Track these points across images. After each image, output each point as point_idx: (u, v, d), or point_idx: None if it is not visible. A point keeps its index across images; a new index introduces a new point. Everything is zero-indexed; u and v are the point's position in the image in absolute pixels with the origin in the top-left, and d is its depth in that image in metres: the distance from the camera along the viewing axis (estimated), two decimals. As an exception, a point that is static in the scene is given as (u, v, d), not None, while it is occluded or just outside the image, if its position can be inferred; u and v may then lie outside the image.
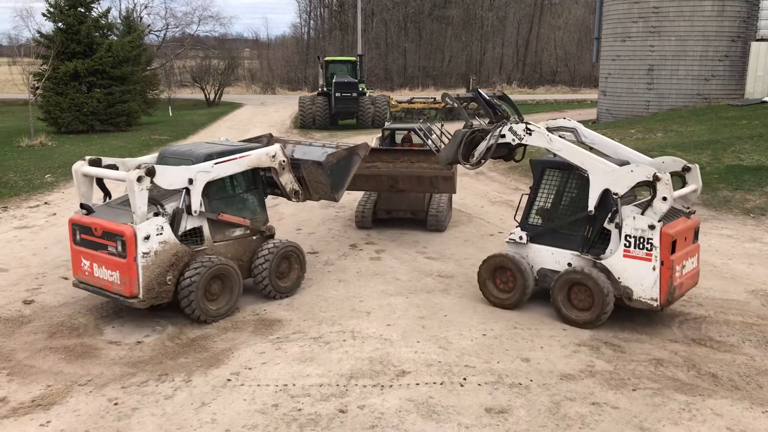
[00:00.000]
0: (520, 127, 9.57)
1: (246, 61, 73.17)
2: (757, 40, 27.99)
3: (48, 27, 47.74)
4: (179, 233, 9.04)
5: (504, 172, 21.02)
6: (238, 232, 9.98)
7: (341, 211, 15.91)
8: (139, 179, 8.51)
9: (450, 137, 10.24)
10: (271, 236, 10.46)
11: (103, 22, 33.80)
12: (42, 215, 15.70)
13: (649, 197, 8.67)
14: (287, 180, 10.55)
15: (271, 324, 9.22)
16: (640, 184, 8.73)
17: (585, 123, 33.33)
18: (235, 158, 9.69)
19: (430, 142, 12.12)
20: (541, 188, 9.82)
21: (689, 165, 9.50)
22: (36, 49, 33.30)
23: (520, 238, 9.71)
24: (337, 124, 34.85)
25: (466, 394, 7.23)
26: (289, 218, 15.32)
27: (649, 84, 29.27)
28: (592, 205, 8.96)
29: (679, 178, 9.45)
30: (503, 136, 9.68)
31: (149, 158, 10.14)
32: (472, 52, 69.89)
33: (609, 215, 8.87)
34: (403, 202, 14.42)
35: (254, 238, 10.21)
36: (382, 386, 7.38)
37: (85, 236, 9.07)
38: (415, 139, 15.78)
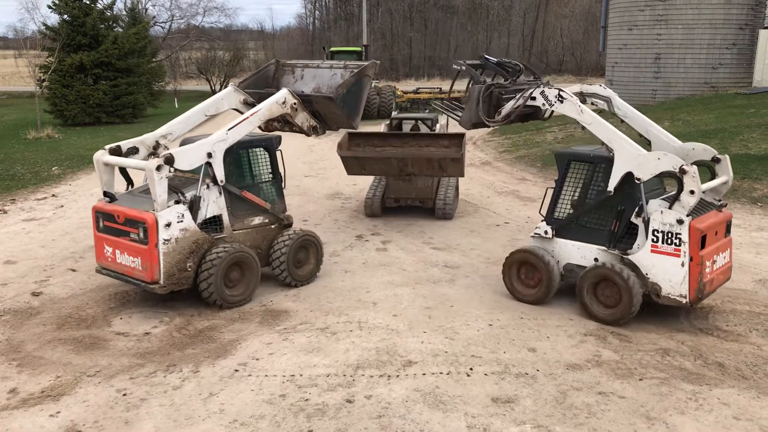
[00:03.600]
0: (552, 93, 9.31)
1: (251, 52, 73.10)
2: (765, 28, 27.79)
3: (54, 19, 47.76)
4: (199, 221, 9.18)
5: (510, 162, 20.99)
6: (257, 220, 10.06)
7: (347, 203, 15.92)
8: (159, 168, 8.61)
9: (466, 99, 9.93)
10: (289, 225, 10.50)
11: (109, 14, 33.87)
12: (49, 207, 15.76)
13: (676, 190, 8.40)
14: (302, 119, 10.48)
15: (278, 315, 9.25)
16: (665, 174, 8.47)
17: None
18: (246, 118, 9.64)
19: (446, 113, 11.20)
20: (567, 182, 9.53)
21: (719, 156, 9.20)
22: (42, 42, 33.40)
23: (546, 232, 9.47)
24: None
25: (472, 384, 7.25)
26: (295, 209, 15.33)
27: (656, 73, 29.13)
28: (612, 185, 8.76)
29: (707, 169, 9.18)
30: (533, 98, 9.45)
31: (165, 129, 10.23)
32: (478, 41, 69.66)
33: (636, 209, 8.63)
34: (411, 191, 14.51)
35: (273, 226, 10.28)
36: (389, 376, 7.41)
37: (108, 223, 9.27)
38: (423, 129, 15.76)
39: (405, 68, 67.39)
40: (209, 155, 9.18)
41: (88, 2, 32.05)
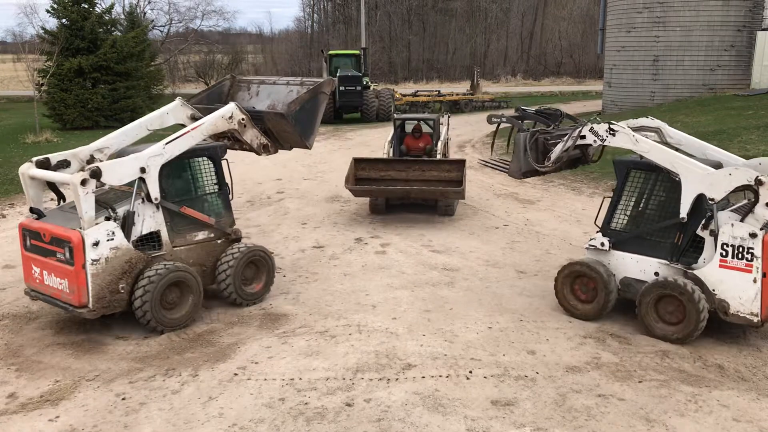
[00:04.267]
0: (602, 128, 8.93)
1: (250, 55, 73.09)
2: (763, 30, 27.80)
3: (52, 23, 47.67)
4: (134, 238, 8.57)
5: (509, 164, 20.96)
6: (200, 235, 9.41)
7: (346, 205, 15.92)
8: (84, 182, 7.94)
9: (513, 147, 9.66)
10: (238, 240, 9.83)
11: (107, 17, 33.82)
12: (48, 211, 15.72)
13: (748, 202, 8.09)
14: (252, 136, 9.92)
15: (277, 318, 9.24)
16: (738, 189, 8.03)
17: (589, 114, 33.21)
18: (188, 132, 9.05)
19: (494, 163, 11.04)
20: (626, 191, 9.07)
21: None
22: (40, 46, 33.40)
23: (602, 244, 8.99)
24: (342, 118, 34.83)
25: (472, 386, 7.24)
26: (294, 213, 15.35)
27: (655, 75, 29.15)
28: (684, 211, 8.25)
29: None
30: (583, 137, 9.09)
31: (102, 142, 9.55)
32: (477, 44, 69.67)
33: (703, 221, 8.19)
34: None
35: (219, 241, 9.63)
36: (388, 380, 7.40)
37: (35, 242, 8.62)
38: (425, 128, 16.36)
39: (404, 71, 67.37)
40: (142, 170, 8.50)
41: (86, 6, 32.03)
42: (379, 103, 34.27)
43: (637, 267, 8.76)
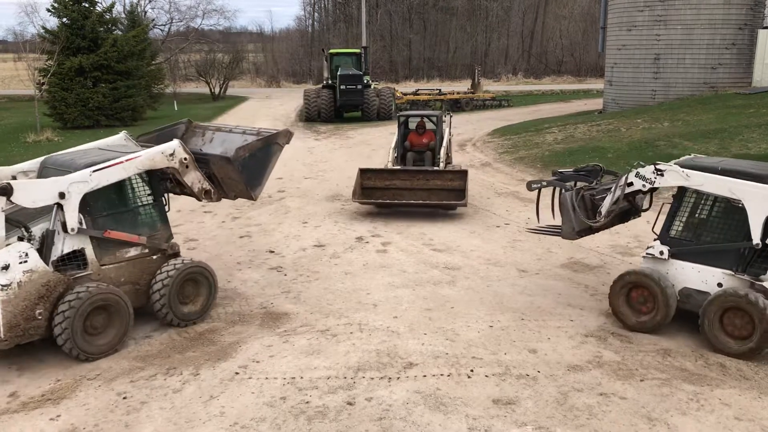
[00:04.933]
0: (648, 170, 8.59)
1: (250, 54, 73.09)
2: (765, 28, 27.78)
3: (53, 23, 47.74)
4: (53, 258, 7.88)
5: (510, 163, 20.98)
6: (132, 251, 8.68)
7: (347, 204, 15.91)
8: None
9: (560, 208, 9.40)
10: (176, 254, 9.11)
11: (108, 17, 33.85)
12: (49, 210, 15.73)
13: None
14: (193, 179, 9.16)
15: (278, 317, 9.24)
16: None
17: (591, 113, 33.17)
18: (121, 162, 8.33)
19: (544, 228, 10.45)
20: (687, 197, 8.61)
21: None
22: (41, 45, 33.42)
23: (661, 253, 8.53)
24: (343, 117, 34.82)
25: (473, 385, 7.24)
26: (295, 212, 15.34)
27: (656, 73, 29.11)
28: (757, 237, 7.74)
29: None
30: (630, 183, 8.75)
31: (29, 165, 8.92)
32: (477, 42, 69.67)
33: None
34: None
35: (154, 257, 8.88)
36: (390, 378, 7.40)
37: None
38: (428, 125, 16.68)
39: (404, 70, 67.38)
40: (61, 195, 7.76)
41: (87, 5, 32.06)
42: (380, 102, 34.25)
43: (699, 277, 8.31)
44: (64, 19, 31.61)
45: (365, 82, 33.85)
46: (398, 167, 15.50)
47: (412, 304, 9.62)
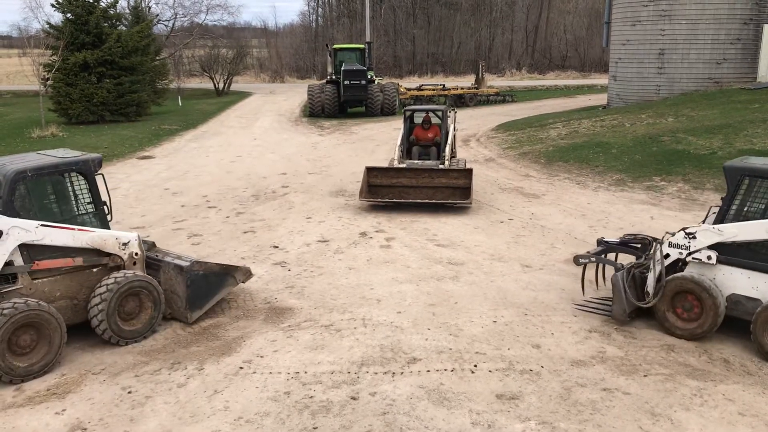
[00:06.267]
0: (679, 237, 8.38)
1: (255, 49, 73.10)
2: (770, 23, 27.67)
3: (57, 18, 47.94)
4: None
5: (514, 158, 20.96)
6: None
7: (351, 200, 15.92)
8: None
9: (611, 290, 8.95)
10: (118, 267, 8.45)
11: (112, 12, 33.83)
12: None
13: None
14: None
15: (282, 312, 9.26)
16: None
17: (595, 108, 33.06)
18: (72, 230, 7.92)
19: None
20: (738, 200, 8.17)
21: None
22: (45, 40, 33.46)
23: (708, 257, 8.20)
24: (346, 112, 34.81)
25: (476, 380, 7.25)
26: (299, 207, 15.36)
27: (660, 68, 29.02)
28: None
29: None
30: (667, 255, 8.48)
31: None
32: (481, 38, 69.54)
33: None
34: None
35: (93, 270, 8.26)
36: (393, 373, 7.41)
37: None
38: (434, 120, 16.86)
39: (408, 65, 67.30)
40: None
41: (91, 1, 32.05)
42: (384, 97, 34.23)
43: (749, 283, 7.99)
44: (69, 15, 31.62)
45: (369, 77, 33.82)
46: (404, 166, 15.59)
47: (416, 300, 9.63)
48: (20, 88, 50.85)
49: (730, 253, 8.09)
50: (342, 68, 33.16)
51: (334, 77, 34.50)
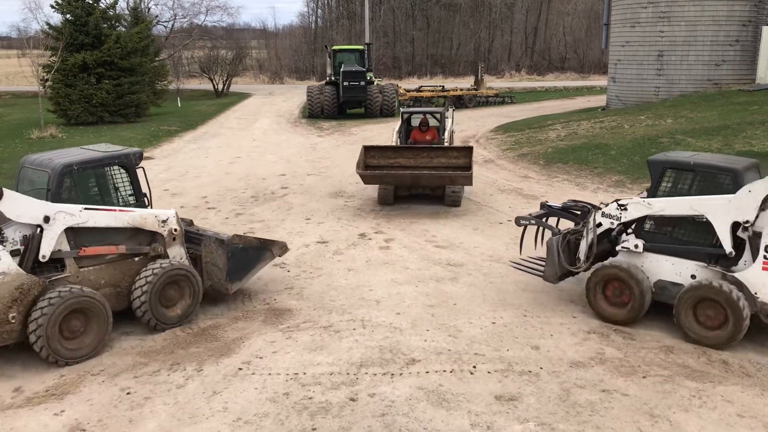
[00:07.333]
0: (611, 208, 8.89)
1: (254, 51, 73.09)
2: (769, 24, 27.70)
3: (56, 19, 47.85)
4: (30, 261, 7.82)
5: (513, 160, 20.96)
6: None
7: (350, 201, 15.93)
8: None
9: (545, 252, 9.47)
10: (159, 256, 8.91)
11: (111, 13, 33.87)
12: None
13: None
14: (176, 254, 9.04)
15: (281, 313, 9.26)
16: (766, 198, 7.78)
17: (594, 110, 33.05)
18: (113, 210, 8.39)
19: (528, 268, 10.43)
20: (661, 191, 8.67)
21: None
22: (45, 41, 33.46)
23: (636, 246, 8.69)
24: (346, 114, 34.82)
25: (475, 381, 7.25)
26: (298, 208, 15.36)
27: (659, 70, 29.05)
28: (728, 246, 7.97)
29: None
30: (599, 224, 8.98)
31: None
32: (481, 39, 69.53)
33: (742, 225, 7.94)
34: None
35: (135, 260, 8.73)
36: (392, 374, 7.41)
37: None
38: (431, 122, 16.73)
39: (407, 66, 67.27)
40: (46, 219, 7.79)
41: (90, 2, 32.05)
42: (383, 99, 34.23)
43: (673, 269, 8.48)
44: (68, 16, 31.62)
45: (368, 78, 33.82)
46: (402, 144, 15.33)
47: (415, 301, 9.63)
48: (19, 89, 50.84)
49: (655, 241, 8.63)
50: (341, 69, 33.15)
51: (333, 78, 34.49)
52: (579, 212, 9.84)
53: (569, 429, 6.35)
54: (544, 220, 10.12)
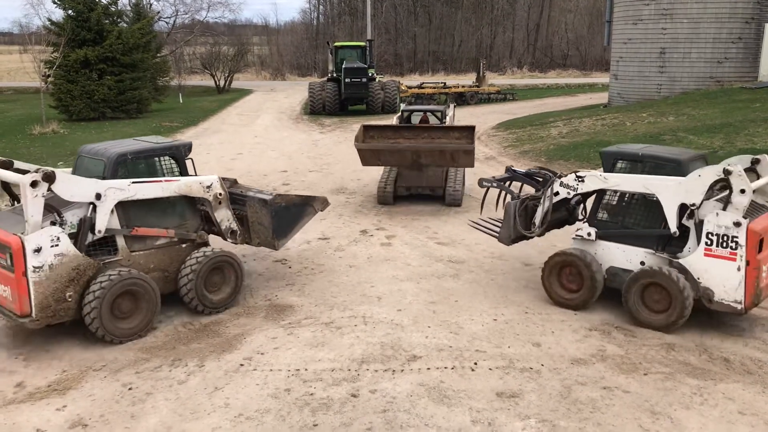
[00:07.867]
0: (569, 178, 9.21)
1: (255, 47, 73.02)
2: (771, 22, 27.65)
3: (58, 14, 47.96)
4: (85, 243, 8.17)
5: (515, 157, 20.95)
6: (161, 239, 8.97)
7: (352, 197, 15.93)
8: (34, 184, 7.55)
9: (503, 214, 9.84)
10: (204, 244, 9.38)
11: (113, 9, 33.87)
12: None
13: (726, 194, 8.07)
14: (223, 217, 9.45)
15: (282, 309, 9.27)
16: (714, 186, 8.16)
17: (596, 107, 33.03)
18: (160, 181, 8.77)
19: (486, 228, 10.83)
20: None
21: (758, 157, 8.84)
22: (46, 37, 33.48)
23: (588, 234, 9.09)
24: (347, 110, 34.81)
25: (477, 378, 7.26)
26: (299, 204, 15.34)
27: (661, 67, 29.02)
28: (673, 225, 8.33)
29: (753, 173, 8.77)
30: (557, 193, 9.33)
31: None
32: (483, 36, 69.47)
33: (687, 212, 8.29)
34: (422, 180, 15.03)
35: (183, 246, 9.16)
36: (394, 371, 7.42)
37: None
38: (432, 120, 16.38)
39: (409, 63, 67.23)
40: (98, 196, 8.11)
41: (92, -3, 32.08)
42: (385, 95, 34.21)
43: (624, 256, 8.89)
44: (70, 12, 31.63)
45: (370, 75, 33.80)
46: (402, 125, 15.11)
47: (417, 297, 9.64)
48: (21, 85, 50.87)
49: (608, 229, 9.05)
50: (343, 66, 33.13)
51: (335, 75, 34.48)
52: (541, 179, 10.03)
53: (570, 426, 6.36)
54: (507, 184, 10.41)
